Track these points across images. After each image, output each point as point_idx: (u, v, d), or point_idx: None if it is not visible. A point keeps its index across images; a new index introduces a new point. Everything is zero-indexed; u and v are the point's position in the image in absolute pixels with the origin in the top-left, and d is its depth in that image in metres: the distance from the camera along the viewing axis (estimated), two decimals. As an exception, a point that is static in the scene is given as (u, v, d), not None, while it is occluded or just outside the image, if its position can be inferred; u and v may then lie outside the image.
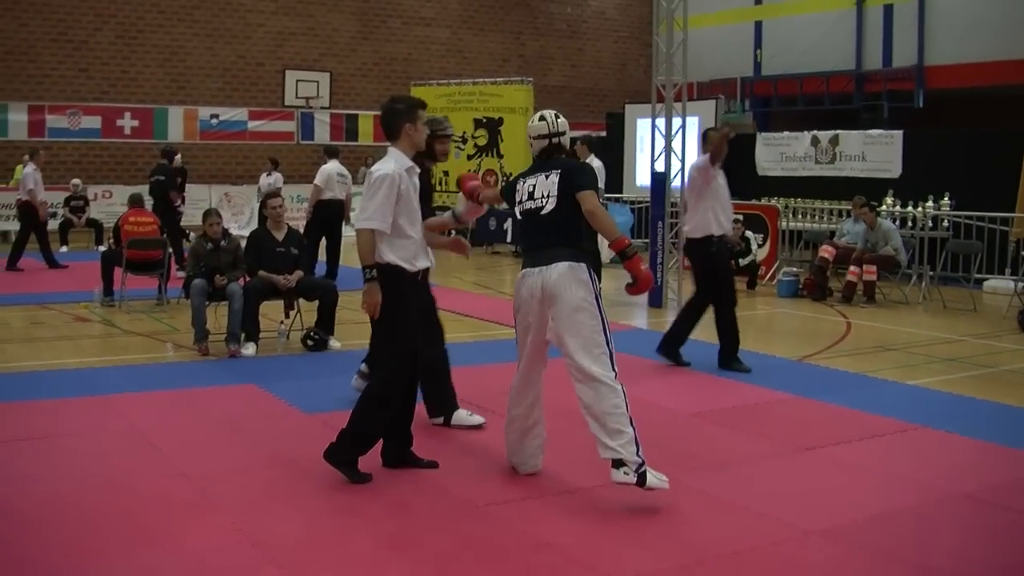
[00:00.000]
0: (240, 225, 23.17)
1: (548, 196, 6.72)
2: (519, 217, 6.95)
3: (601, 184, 16.03)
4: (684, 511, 6.27)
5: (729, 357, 10.63)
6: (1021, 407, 9.24)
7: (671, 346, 10.85)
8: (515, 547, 5.61)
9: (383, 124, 7.14)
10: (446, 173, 24.73)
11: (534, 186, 6.82)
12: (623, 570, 5.33)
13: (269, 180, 20.60)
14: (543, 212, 6.72)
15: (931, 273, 16.44)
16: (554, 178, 6.75)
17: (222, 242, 11.56)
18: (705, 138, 10.90)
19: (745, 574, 5.37)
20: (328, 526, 5.91)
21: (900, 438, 8.10)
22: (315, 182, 17.06)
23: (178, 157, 19.24)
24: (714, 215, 10.64)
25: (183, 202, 18.71)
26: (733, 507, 6.33)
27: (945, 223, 17.61)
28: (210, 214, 11.92)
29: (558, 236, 6.66)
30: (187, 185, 20.48)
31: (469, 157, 24.76)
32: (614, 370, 6.34)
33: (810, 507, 6.35)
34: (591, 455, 7.22)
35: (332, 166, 17.19)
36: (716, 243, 10.68)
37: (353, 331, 11.54)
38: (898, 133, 20.01)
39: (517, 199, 6.92)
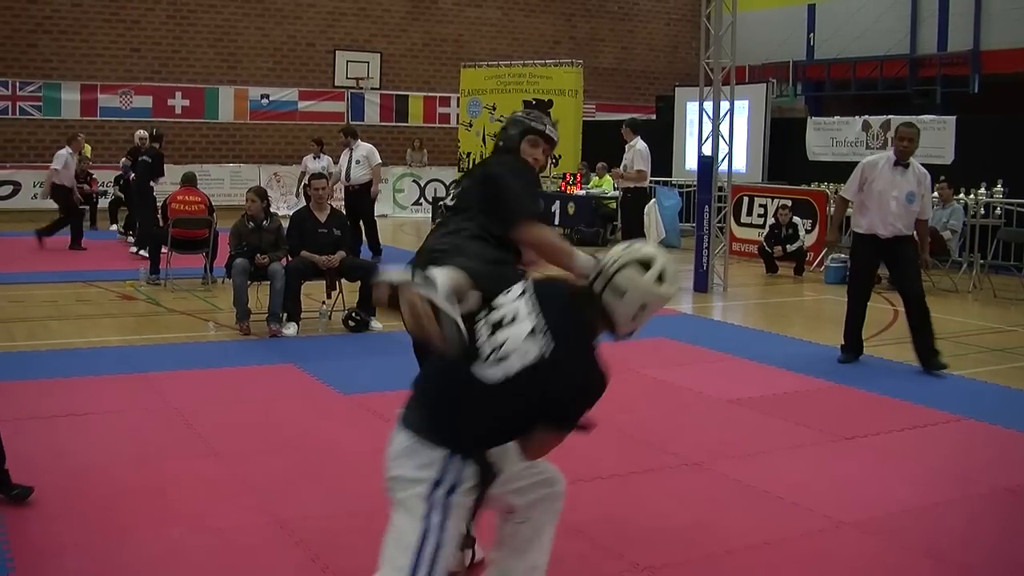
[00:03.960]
0: (289, 206, 23.15)
1: None
2: None
3: (647, 167, 15.93)
4: (715, 499, 6.21)
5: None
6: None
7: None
8: (543, 533, 5.55)
9: None
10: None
11: None
12: (651, 558, 5.27)
13: (320, 164, 20.44)
14: None
15: (982, 261, 16.22)
16: None
17: (264, 222, 11.54)
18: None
19: (774, 565, 5.30)
20: (357, 508, 5.87)
21: (943, 429, 7.98)
22: (378, 162, 17.50)
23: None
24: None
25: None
26: (766, 496, 6.25)
27: (997, 211, 17.35)
28: (250, 190, 11.93)
29: None
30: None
31: (518, 139, 24.67)
32: None
33: (846, 498, 6.26)
34: (621, 442, 7.19)
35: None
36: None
37: (394, 313, 11.50)
38: (951, 119, 19.73)
39: None
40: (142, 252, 16.30)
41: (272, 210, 12.31)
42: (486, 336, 3.88)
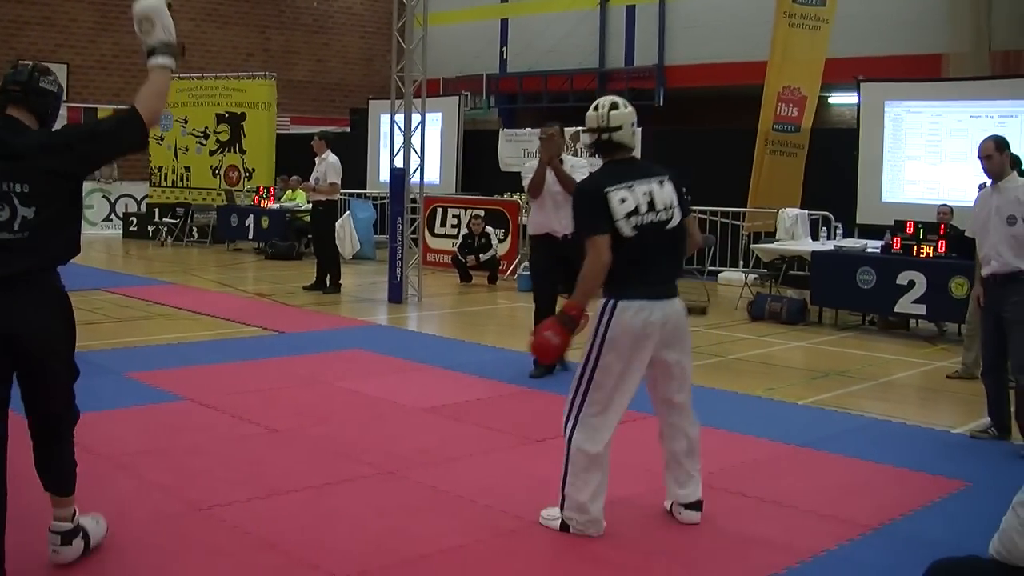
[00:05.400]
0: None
1: (672, 208, 5.75)
2: (630, 233, 5.61)
3: (338, 179, 15.89)
4: (410, 506, 6.26)
5: None
6: (748, 394, 9.59)
7: None
8: (237, 549, 5.49)
9: None
10: (188, 169, 24.38)
11: (650, 194, 5.70)
12: (347, 567, 5.28)
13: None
14: (669, 227, 5.75)
15: (667, 266, 16.84)
16: (669, 188, 5.78)
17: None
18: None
19: (468, 566, 5.39)
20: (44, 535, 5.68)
21: (631, 427, 8.19)
22: None
23: None
24: None
25: None
26: (460, 500, 6.35)
27: (681, 217, 18.06)
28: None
29: (679, 261, 6.09)
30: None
31: (211, 153, 24.37)
32: None
33: (538, 498, 6.40)
34: (315, 454, 7.18)
35: None
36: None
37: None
38: (638, 131, 20.41)
39: (622, 212, 5.61)
40: None
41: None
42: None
